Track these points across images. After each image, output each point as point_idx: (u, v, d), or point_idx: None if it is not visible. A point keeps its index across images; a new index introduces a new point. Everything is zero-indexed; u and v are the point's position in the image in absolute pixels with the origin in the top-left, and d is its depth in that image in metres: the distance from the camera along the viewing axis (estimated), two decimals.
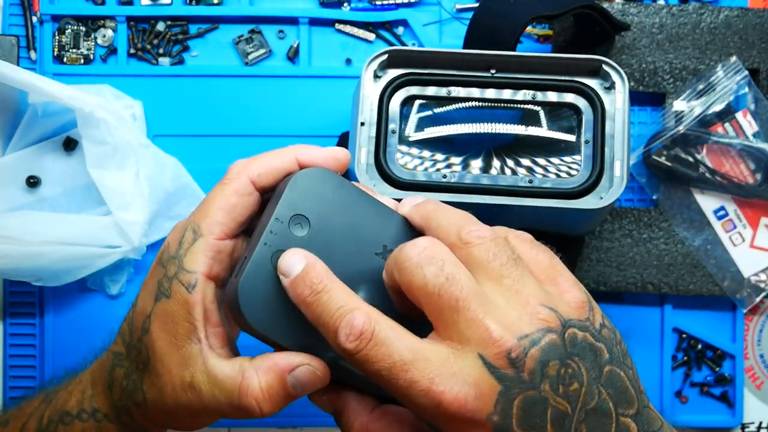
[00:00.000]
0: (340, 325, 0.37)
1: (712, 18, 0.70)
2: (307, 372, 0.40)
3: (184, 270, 0.42)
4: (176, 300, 0.42)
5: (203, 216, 0.43)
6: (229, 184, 0.43)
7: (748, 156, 0.70)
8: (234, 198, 0.42)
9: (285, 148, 0.44)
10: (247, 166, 0.43)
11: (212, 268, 0.42)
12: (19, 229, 0.65)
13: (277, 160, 0.43)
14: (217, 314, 0.43)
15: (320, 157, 0.44)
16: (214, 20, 0.72)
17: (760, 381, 0.73)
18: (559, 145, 0.58)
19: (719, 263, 0.70)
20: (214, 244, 0.42)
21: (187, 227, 0.43)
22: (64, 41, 0.72)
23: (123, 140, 0.66)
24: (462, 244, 0.38)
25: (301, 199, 0.42)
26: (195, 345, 0.42)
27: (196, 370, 0.42)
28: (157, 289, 0.43)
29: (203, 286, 0.42)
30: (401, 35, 0.72)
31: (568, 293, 0.39)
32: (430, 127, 0.58)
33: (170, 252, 0.43)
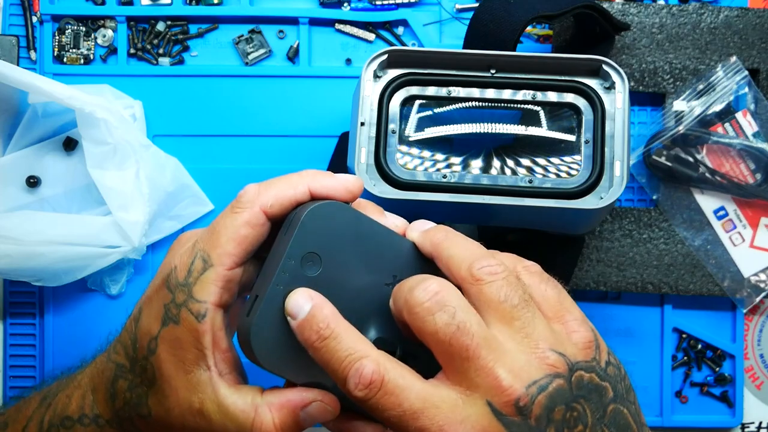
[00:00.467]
0: (349, 374, 0.37)
1: (712, 18, 0.70)
2: (319, 407, 0.41)
3: (193, 299, 0.42)
4: (185, 327, 0.42)
5: (214, 246, 0.42)
6: (240, 213, 0.42)
7: (748, 156, 0.70)
8: (245, 229, 0.42)
9: (298, 175, 0.43)
10: (260, 195, 0.42)
11: (222, 297, 0.43)
12: (19, 229, 0.65)
13: (290, 191, 0.43)
14: (225, 340, 0.43)
15: (333, 188, 0.43)
16: (214, 20, 0.72)
17: (760, 381, 0.73)
18: (559, 145, 0.58)
19: (719, 263, 0.70)
20: (224, 275, 0.42)
21: (196, 254, 0.43)
22: (64, 41, 0.72)
23: (123, 140, 0.66)
24: (473, 280, 0.39)
25: (312, 236, 0.41)
26: (204, 372, 0.42)
27: (206, 398, 0.42)
28: (164, 313, 0.43)
29: (212, 314, 0.42)
30: (401, 35, 0.72)
31: (576, 333, 0.40)
32: (430, 127, 0.58)
33: (179, 278, 0.43)
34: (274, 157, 0.71)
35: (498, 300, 0.38)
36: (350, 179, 0.44)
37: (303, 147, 0.71)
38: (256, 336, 0.40)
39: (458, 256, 0.40)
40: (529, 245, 0.67)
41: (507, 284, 0.38)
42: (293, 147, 0.72)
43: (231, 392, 0.42)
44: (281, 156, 0.71)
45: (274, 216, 0.43)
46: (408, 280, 0.40)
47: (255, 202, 0.42)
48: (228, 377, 0.43)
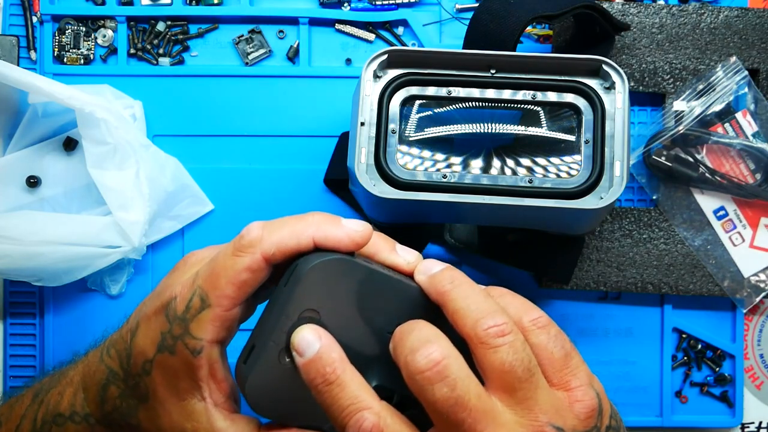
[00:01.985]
0: (348, 423, 0.38)
1: (712, 18, 0.70)
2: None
3: (190, 335, 0.42)
4: (180, 359, 0.42)
5: (213, 287, 0.42)
6: (242, 258, 0.42)
7: (748, 156, 0.70)
8: (245, 274, 0.42)
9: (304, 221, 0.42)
10: (263, 241, 0.42)
11: (219, 335, 0.43)
12: (19, 229, 0.65)
13: (294, 241, 0.42)
14: (221, 371, 0.43)
15: (338, 240, 0.42)
16: (214, 20, 0.72)
17: (760, 381, 0.73)
18: (559, 145, 0.58)
19: (719, 263, 0.70)
20: (222, 315, 0.42)
21: (195, 291, 0.43)
22: (64, 41, 0.72)
23: (123, 140, 0.66)
24: (479, 342, 0.38)
25: (311, 294, 0.41)
26: (199, 402, 0.43)
27: (200, 427, 0.42)
28: (161, 341, 0.43)
29: (209, 350, 0.42)
30: (401, 35, 0.72)
31: (579, 402, 0.39)
32: (430, 127, 0.58)
33: (177, 311, 0.43)
34: (274, 157, 0.71)
35: (502, 369, 0.38)
36: (358, 229, 0.42)
37: (303, 147, 0.71)
38: (252, 387, 0.41)
39: (464, 310, 0.39)
40: (529, 245, 0.67)
41: (512, 351, 0.38)
42: (293, 147, 0.71)
43: (227, 425, 0.43)
44: (281, 156, 0.71)
45: (278, 262, 0.42)
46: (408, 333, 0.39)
47: (257, 248, 0.42)
48: (223, 405, 0.43)
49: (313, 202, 0.71)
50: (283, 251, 0.42)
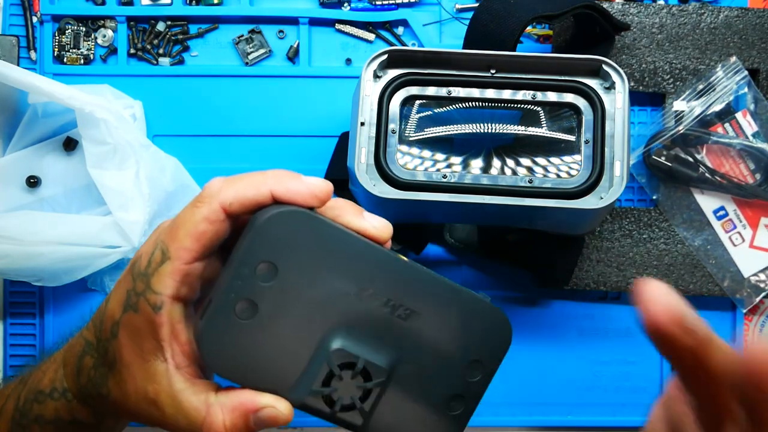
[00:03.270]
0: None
1: (712, 18, 0.70)
2: (271, 414, 0.41)
3: (151, 290, 0.42)
4: (143, 316, 0.42)
5: (173, 239, 0.42)
6: (200, 208, 0.41)
7: (748, 156, 0.69)
8: (204, 225, 0.41)
9: (263, 175, 0.42)
10: (221, 191, 0.41)
11: (180, 291, 0.42)
12: (19, 229, 0.65)
13: (252, 192, 0.41)
14: (185, 333, 0.43)
15: (297, 192, 0.41)
16: (214, 20, 0.72)
17: None
18: (559, 145, 0.58)
19: (719, 263, 0.70)
20: (181, 269, 0.42)
21: (157, 245, 0.42)
22: (64, 41, 0.72)
23: (123, 140, 0.66)
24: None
25: (268, 246, 0.40)
26: (161, 363, 0.42)
27: (161, 390, 0.42)
28: (126, 300, 0.43)
29: (170, 307, 0.42)
30: (401, 35, 0.72)
31: None
32: (430, 127, 0.58)
33: (140, 267, 0.43)
34: (274, 157, 0.71)
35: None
36: (318, 183, 0.42)
37: (303, 147, 0.71)
38: (206, 341, 0.40)
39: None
40: (529, 245, 0.67)
41: None
42: (293, 147, 0.72)
43: (186, 386, 0.42)
44: (281, 156, 0.71)
45: (234, 214, 0.42)
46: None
47: (215, 198, 0.41)
48: (186, 370, 0.43)
49: None
50: (241, 201, 0.41)
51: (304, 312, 0.41)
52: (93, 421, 0.49)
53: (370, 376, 0.42)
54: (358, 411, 0.42)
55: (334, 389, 0.42)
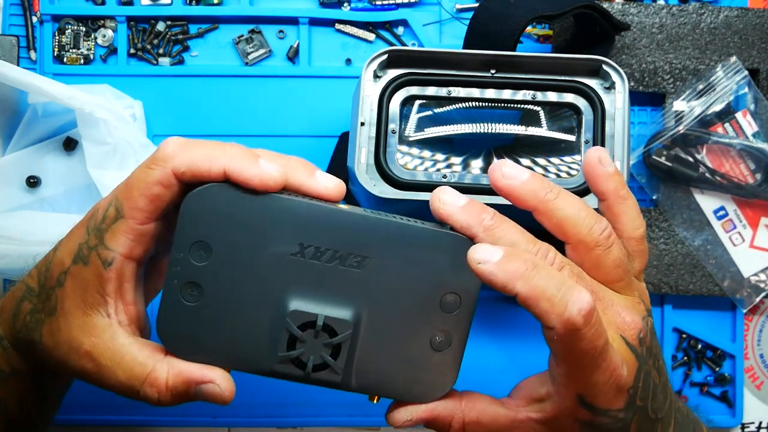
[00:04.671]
0: (571, 299, 0.38)
1: (712, 18, 0.70)
2: (213, 390, 0.42)
3: (103, 245, 0.42)
4: (92, 269, 0.42)
5: (127, 197, 0.42)
6: (154, 170, 0.41)
7: (748, 156, 0.70)
8: (157, 188, 0.41)
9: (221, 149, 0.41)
10: (175, 156, 0.41)
11: (133, 250, 0.42)
12: (19, 229, 0.65)
13: (206, 165, 0.41)
14: (132, 293, 0.44)
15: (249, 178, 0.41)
16: (214, 20, 0.72)
17: (760, 381, 0.73)
18: (559, 145, 0.58)
19: (719, 263, 0.70)
20: (135, 228, 0.42)
21: (112, 202, 0.43)
22: (64, 41, 0.72)
23: (123, 140, 0.66)
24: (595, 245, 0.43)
25: (196, 225, 0.41)
26: (103, 317, 0.43)
27: (100, 342, 0.42)
28: (77, 251, 0.43)
29: (120, 264, 0.42)
30: (401, 35, 0.72)
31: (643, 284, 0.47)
32: (430, 127, 0.58)
33: (95, 220, 0.43)
34: None
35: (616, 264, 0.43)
36: (272, 173, 0.41)
37: (303, 147, 0.71)
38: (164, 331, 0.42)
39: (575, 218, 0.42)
40: None
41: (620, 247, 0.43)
42: (293, 147, 0.71)
43: (131, 342, 0.43)
44: None
45: (187, 182, 0.42)
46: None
47: (168, 163, 0.41)
48: (127, 328, 0.43)
49: None
50: (193, 172, 0.41)
51: (250, 283, 0.41)
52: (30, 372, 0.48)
53: (335, 331, 0.42)
54: (332, 369, 0.42)
55: (300, 351, 0.42)
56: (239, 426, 0.72)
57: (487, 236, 0.41)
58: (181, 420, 0.70)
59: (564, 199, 0.42)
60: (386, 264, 0.42)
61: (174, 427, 0.71)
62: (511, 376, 0.47)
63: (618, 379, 0.40)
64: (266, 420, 0.71)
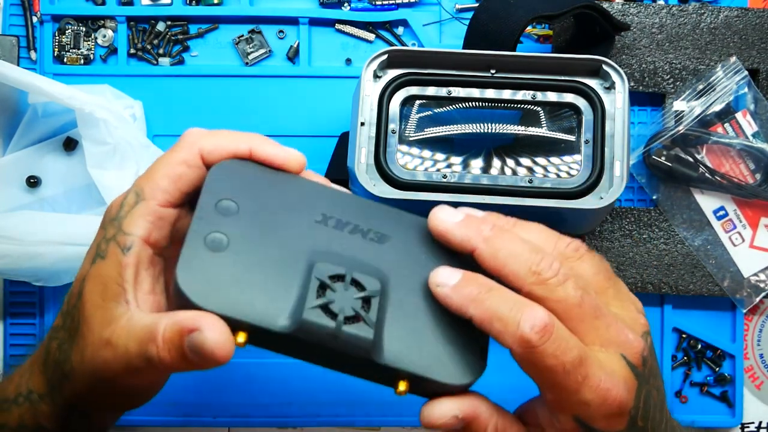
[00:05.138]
0: (522, 317, 0.38)
1: (712, 18, 0.70)
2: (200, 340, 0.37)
3: (122, 232, 0.41)
4: (110, 261, 0.41)
5: (148, 180, 0.42)
6: (179, 152, 0.42)
7: (748, 156, 0.70)
8: (181, 168, 0.42)
9: (245, 134, 0.44)
10: (201, 138, 0.43)
11: (152, 234, 0.41)
12: (19, 229, 0.65)
13: (232, 145, 0.43)
14: (149, 281, 0.42)
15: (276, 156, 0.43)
16: (214, 20, 0.72)
17: (760, 381, 0.73)
18: (559, 145, 0.58)
19: (719, 263, 0.70)
20: (155, 210, 0.41)
21: (131, 190, 0.42)
22: (65, 41, 0.72)
23: (123, 140, 0.66)
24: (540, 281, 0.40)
25: (225, 186, 0.42)
26: (121, 306, 0.40)
27: (117, 327, 0.40)
28: (95, 252, 0.42)
29: (139, 249, 0.41)
30: (401, 35, 0.72)
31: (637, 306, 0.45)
32: (430, 127, 0.58)
33: (111, 214, 0.42)
34: None
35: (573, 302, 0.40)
36: (294, 154, 0.44)
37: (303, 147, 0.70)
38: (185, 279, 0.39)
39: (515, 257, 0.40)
40: None
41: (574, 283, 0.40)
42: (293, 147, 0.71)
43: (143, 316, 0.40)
44: None
45: (210, 163, 0.42)
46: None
47: (195, 144, 0.42)
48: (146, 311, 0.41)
49: None
50: (219, 151, 0.42)
51: (276, 240, 0.41)
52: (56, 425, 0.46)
53: (364, 287, 0.40)
54: (364, 322, 0.39)
55: (331, 299, 0.39)
56: (239, 426, 0.72)
57: (488, 247, 0.40)
58: (181, 420, 0.70)
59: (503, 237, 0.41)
60: (403, 243, 0.43)
61: (174, 427, 0.71)
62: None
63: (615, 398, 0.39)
64: (266, 420, 0.71)
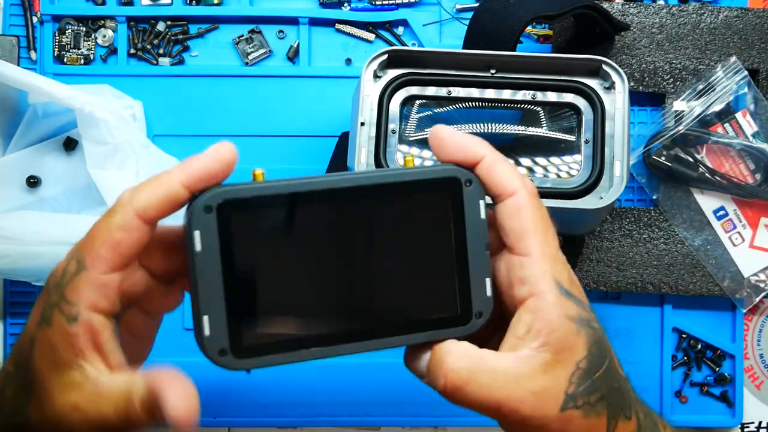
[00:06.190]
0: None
1: (712, 18, 0.70)
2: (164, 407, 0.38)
3: (65, 300, 0.40)
4: (57, 329, 0.40)
5: (88, 248, 0.40)
6: (114, 216, 0.40)
7: (748, 156, 0.70)
8: (119, 234, 0.39)
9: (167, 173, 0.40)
10: (132, 199, 0.40)
11: (98, 302, 0.40)
12: (19, 229, 0.65)
13: (162, 190, 0.39)
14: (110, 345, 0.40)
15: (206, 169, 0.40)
16: (214, 20, 0.72)
17: (760, 381, 0.73)
18: (559, 145, 0.58)
19: (719, 263, 0.70)
20: (97, 279, 0.40)
21: (73, 256, 0.41)
22: (65, 41, 0.72)
23: (123, 140, 0.66)
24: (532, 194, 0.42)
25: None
26: (78, 373, 0.40)
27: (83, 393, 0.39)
28: (41, 315, 0.41)
29: (87, 317, 0.40)
30: (401, 35, 0.72)
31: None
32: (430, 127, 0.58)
33: (56, 279, 0.41)
34: (274, 157, 0.71)
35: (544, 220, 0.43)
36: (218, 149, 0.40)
37: (303, 147, 0.71)
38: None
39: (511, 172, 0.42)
40: None
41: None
42: (293, 147, 0.72)
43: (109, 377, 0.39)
44: (281, 156, 0.71)
45: (154, 219, 0.40)
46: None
47: (128, 206, 0.39)
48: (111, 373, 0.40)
49: None
50: (155, 205, 0.39)
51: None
52: None
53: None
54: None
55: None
56: (239, 426, 0.72)
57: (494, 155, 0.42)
58: None
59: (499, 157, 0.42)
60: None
61: None
62: None
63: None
64: (266, 420, 0.71)
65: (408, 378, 0.43)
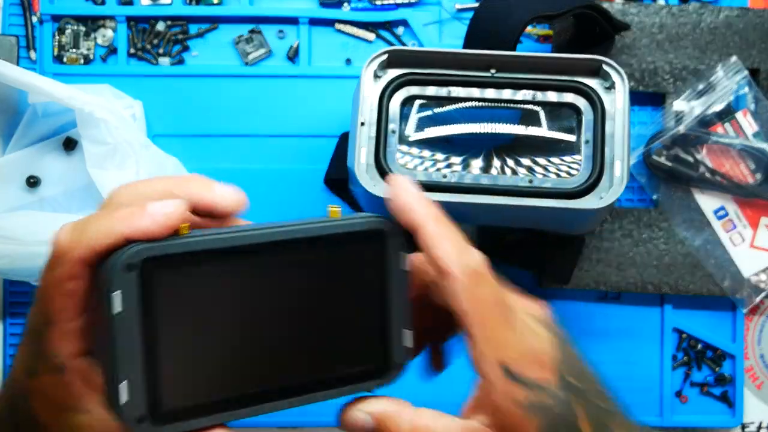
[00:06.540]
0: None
1: (712, 18, 0.70)
2: None
3: (45, 355, 0.40)
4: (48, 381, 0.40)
5: (49, 302, 0.39)
6: (60, 267, 0.38)
7: (748, 156, 0.69)
8: (69, 284, 0.38)
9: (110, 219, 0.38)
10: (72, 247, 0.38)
11: (77, 348, 0.39)
12: (19, 229, 0.65)
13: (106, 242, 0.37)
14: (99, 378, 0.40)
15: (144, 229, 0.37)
16: (214, 20, 0.72)
17: (760, 381, 0.73)
18: (559, 145, 0.58)
19: (719, 263, 0.70)
20: (67, 328, 0.39)
21: (38, 309, 0.40)
22: (64, 41, 0.72)
23: (123, 140, 0.66)
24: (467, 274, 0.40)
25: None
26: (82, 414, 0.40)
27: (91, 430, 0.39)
28: (26, 364, 0.41)
29: (72, 365, 0.39)
30: (401, 35, 0.72)
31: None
32: (430, 127, 0.58)
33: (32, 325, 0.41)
34: (274, 157, 0.71)
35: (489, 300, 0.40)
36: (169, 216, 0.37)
37: (303, 147, 0.71)
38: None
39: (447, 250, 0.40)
40: (529, 245, 0.67)
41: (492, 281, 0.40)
42: (293, 147, 0.72)
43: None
44: (281, 156, 0.71)
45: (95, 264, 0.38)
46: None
47: (69, 255, 0.38)
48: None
49: (313, 202, 0.71)
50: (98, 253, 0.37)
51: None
52: None
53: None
54: None
55: None
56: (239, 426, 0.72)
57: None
58: None
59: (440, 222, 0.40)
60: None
61: None
62: None
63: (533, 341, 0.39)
64: (266, 420, 0.71)
65: (408, 378, 0.43)
